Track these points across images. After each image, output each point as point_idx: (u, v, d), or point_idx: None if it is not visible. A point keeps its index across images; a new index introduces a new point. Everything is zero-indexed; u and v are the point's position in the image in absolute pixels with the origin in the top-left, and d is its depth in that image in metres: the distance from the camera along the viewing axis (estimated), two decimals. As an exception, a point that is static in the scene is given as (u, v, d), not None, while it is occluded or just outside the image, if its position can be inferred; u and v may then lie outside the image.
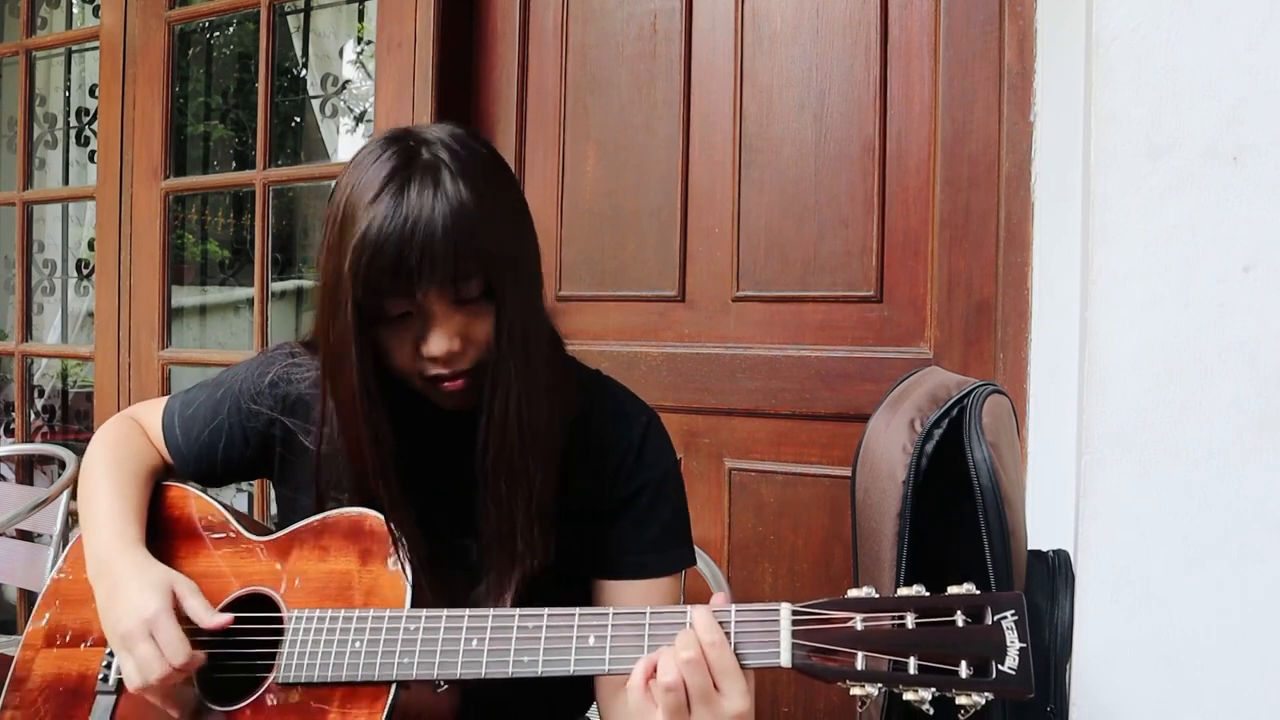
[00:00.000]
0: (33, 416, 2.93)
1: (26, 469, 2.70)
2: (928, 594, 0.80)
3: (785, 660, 0.81)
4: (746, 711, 0.82)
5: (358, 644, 0.93)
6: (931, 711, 0.78)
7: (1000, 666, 0.76)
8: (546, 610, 0.88)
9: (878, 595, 0.81)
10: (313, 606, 0.98)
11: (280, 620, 0.99)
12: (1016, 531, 0.99)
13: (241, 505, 2.99)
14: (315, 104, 2.89)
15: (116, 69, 2.43)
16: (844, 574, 1.70)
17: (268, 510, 2.36)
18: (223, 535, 1.09)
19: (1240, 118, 0.83)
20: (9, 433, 2.91)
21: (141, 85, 2.38)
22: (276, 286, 2.42)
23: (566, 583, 1.08)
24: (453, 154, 0.95)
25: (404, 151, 0.95)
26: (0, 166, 3.06)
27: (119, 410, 2.38)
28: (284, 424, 1.10)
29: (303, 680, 0.95)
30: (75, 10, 3.05)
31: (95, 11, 2.66)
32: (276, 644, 0.97)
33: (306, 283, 4.67)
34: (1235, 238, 0.84)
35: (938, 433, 1.00)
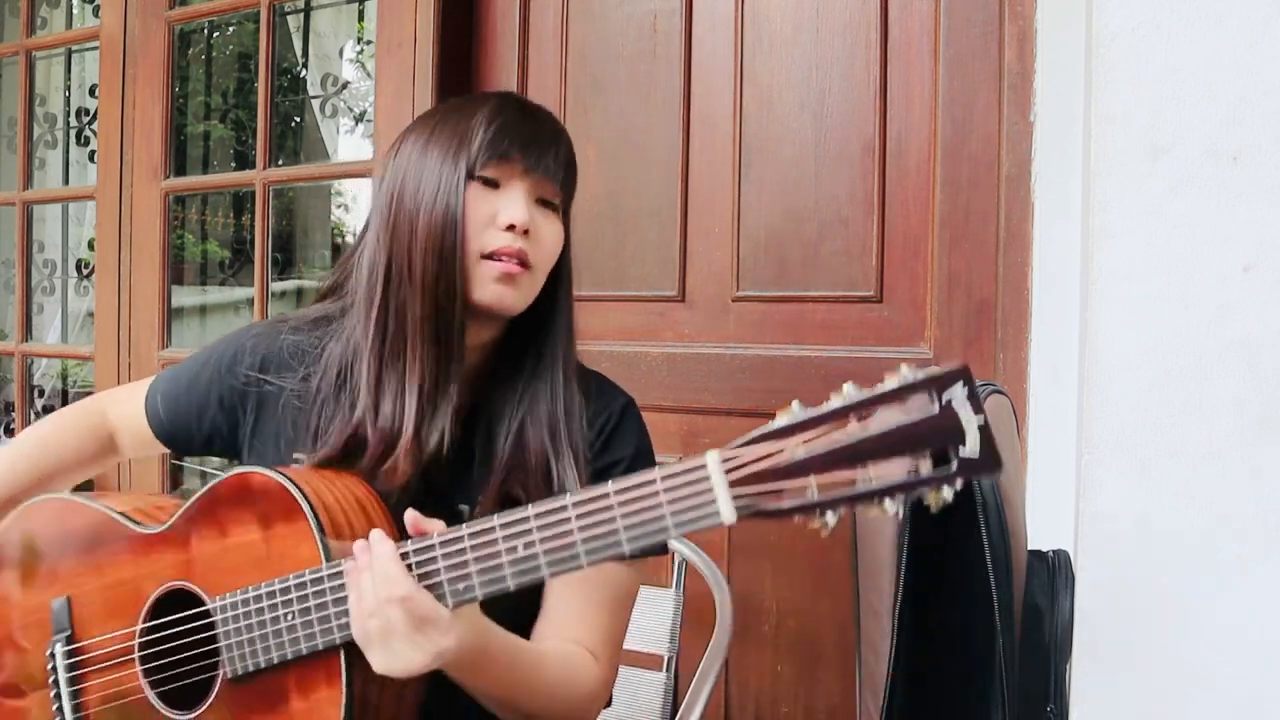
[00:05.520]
0: (33, 416, 2.92)
1: (26, 469, 2.70)
2: (860, 392, 0.71)
3: (728, 515, 0.73)
4: (452, 648, 0.85)
5: (289, 616, 0.90)
6: (901, 513, 0.72)
7: (962, 451, 0.69)
8: (465, 528, 0.86)
9: (808, 412, 0.72)
10: (234, 589, 0.94)
11: (208, 613, 0.95)
12: (1016, 531, 0.99)
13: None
14: (315, 104, 2.90)
15: (116, 69, 2.43)
16: (844, 574, 1.69)
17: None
18: (118, 539, 1.02)
19: (1240, 118, 0.83)
20: (9, 433, 2.91)
21: (141, 85, 2.38)
22: (276, 286, 2.42)
23: None
24: None
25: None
26: (0, 166, 3.05)
27: (119, 410, 2.39)
28: (260, 388, 1.10)
29: (251, 669, 0.92)
30: (75, 10, 3.05)
31: (95, 11, 2.66)
32: (214, 639, 0.94)
33: (307, 283, 4.68)
34: (1235, 238, 0.84)
35: (938, 433, 1.00)
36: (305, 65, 2.87)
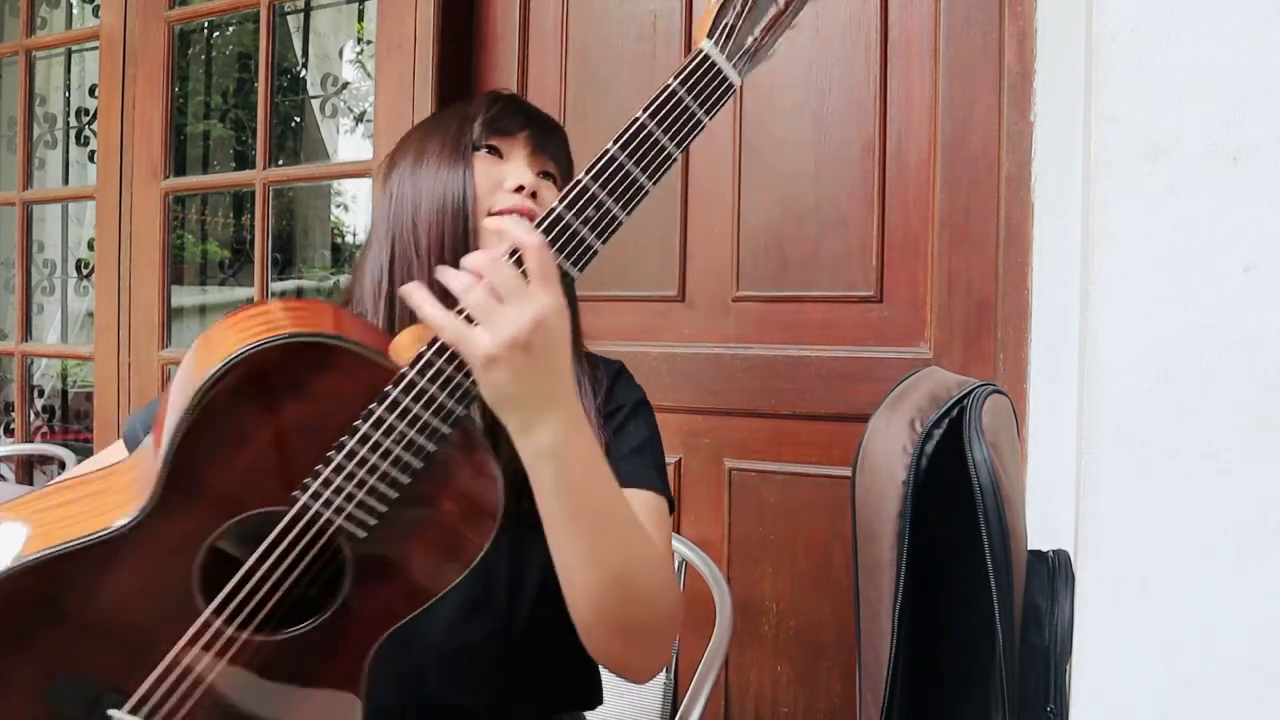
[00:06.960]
0: (32, 416, 2.93)
1: (26, 469, 2.70)
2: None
3: (736, 79, 0.87)
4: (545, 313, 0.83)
5: (400, 437, 0.81)
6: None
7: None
8: (557, 204, 0.86)
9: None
10: (302, 478, 0.80)
11: (294, 520, 0.81)
12: (1016, 531, 0.99)
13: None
14: (315, 104, 2.89)
15: (116, 69, 2.43)
16: (844, 574, 1.70)
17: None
18: (91, 567, 0.80)
19: (1240, 118, 0.83)
20: (9, 433, 2.91)
21: (141, 85, 2.38)
22: (276, 286, 2.42)
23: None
24: None
25: None
26: (0, 166, 3.06)
27: (119, 410, 2.39)
28: None
29: (381, 513, 0.82)
30: (75, 10, 3.05)
31: (95, 11, 2.66)
32: (313, 542, 0.82)
33: (307, 283, 4.67)
34: (1235, 238, 0.83)
35: (938, 433, 1.00)
36: (305, 65, 2.87)
